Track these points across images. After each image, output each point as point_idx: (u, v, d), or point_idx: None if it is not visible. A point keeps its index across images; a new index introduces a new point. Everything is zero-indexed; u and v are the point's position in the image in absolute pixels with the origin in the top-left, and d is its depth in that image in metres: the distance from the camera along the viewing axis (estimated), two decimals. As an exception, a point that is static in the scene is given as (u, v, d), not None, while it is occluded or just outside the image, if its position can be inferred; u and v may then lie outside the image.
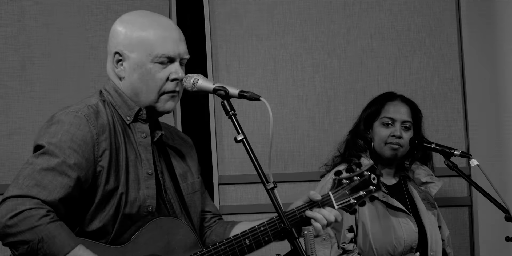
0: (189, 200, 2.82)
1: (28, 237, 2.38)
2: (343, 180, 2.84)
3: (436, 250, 3.75)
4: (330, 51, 4.59)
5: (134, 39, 2.67)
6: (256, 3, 4.57)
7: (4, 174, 4.01)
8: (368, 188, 2.87)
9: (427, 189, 3.87)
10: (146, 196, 2.65)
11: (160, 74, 2.66)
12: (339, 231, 3.67)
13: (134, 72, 2.67)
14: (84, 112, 2.60)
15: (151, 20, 2.72)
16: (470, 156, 3.60)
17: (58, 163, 2.49)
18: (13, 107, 4.06)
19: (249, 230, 2.66)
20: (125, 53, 2.67)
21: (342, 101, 4.55)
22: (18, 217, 2.39)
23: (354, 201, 2.83)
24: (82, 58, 4.26)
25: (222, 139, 4.49)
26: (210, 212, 2.97)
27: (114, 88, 2.73)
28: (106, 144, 2.59)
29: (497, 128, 4.77)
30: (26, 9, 4.13)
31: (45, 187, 2.45)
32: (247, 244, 2.65)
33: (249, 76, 4.55)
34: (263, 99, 2.51)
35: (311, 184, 4.35)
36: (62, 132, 2.54)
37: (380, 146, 3.77)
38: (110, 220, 2.59)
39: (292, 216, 2.73)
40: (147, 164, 2.68)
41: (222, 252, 2.61)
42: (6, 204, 2.42)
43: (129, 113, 2.70)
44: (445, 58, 4.62)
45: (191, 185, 2.85)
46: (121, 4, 4.34)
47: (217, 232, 2.91)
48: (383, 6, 4.62)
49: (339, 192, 2.82)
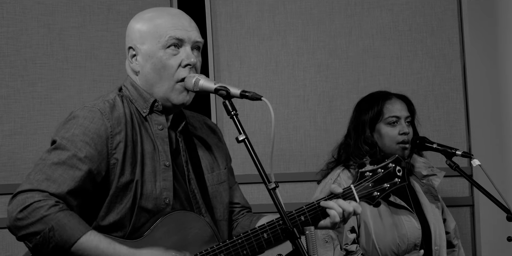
0: (214, 191, 2.82)
1: (39, 227, 2.42)
2: (366, 172, 2.79)
3: (440, 244, 3.74)
4: (331, 51, 4.59)
5: (144, 31, 2.69)
6: (258, 3, 4.57)
7: (5, 174, 4.01)
8: (393, 180, 2.81)
9: (429, 182, 3.86)
10: (163, 188, 2.65)
11: (171, 61, 2.67)
12: (341, 232, 3.66)
13: (146, 63, 2.69)
14: (99, 106, 2.62)
15: (160, 11, 2.75)
16: (471, 156, 3.59)
17: (69, 156, 2.52)
18: (14, 107, 4.06)
19: (267, 224, 2.65)
20: (137, 46, 2.70)
21: (343, 101, 4.55)
22: (28, 210, 2.42)
23: (378, 193, 2.78)
24: (84, 58, 4.26)
25: (224, 139, 4.49)
26: (239, 204, 2.98)
27: (131, 83, 2.75)
28: (121, 137, 2.60)
29: (498, 128, 4.76)
30: (28, 9, 4.13)
31: (55, 180, 2.48)
32: (265, 238, 2.64)
33: (251, 76, 4.55)
34: (264, 99, 2.51)
35: (313, 184, 4.35)
36: (75, 126, 2.57)
37: (392, 146, 3.74)
38: (127, 213, 2.60)
39: (313, 208, 2.70)
40: (164, 156, 2.69)
41: (240, 246, 2.61)
42: (16, 199, 2.46)
43: (145, 105, 2.71)
44: (446, 58, 4.62)
45: (216, 175, 2.85)
46: (123, 4, 4.34)
47: (243, 224, 2.91)
48: (384, 6, 4.62)
49: (361, 184, 2.77)
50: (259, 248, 2.64)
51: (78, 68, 4.24)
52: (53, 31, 4.19)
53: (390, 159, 2.83)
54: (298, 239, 2.40)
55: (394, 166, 2.83)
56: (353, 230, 3.67)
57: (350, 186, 2.77)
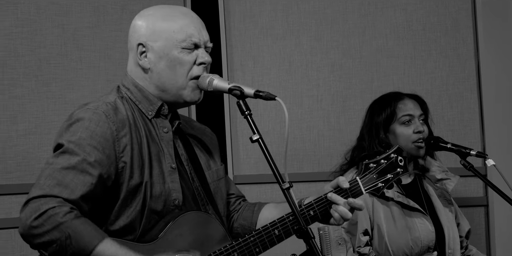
0: (215, 187, 2.83)
1: (56, 235, 2.39)
2: (370, 164, 2.82)
3: (454, 247, 3.72)
4: (345, 50, 4.58)
5: (157, 29, 2.68)
6: (271, 3, 4.57)
7: (20, 173, 4.02)
8: (396, 170, 2.85)
9: (443, 185, 3.85)
10: (172, 190, 2.65)
11: (187, 57, 2.67)
12: (354, 235, 3.66)
13: (160, 60, 2.68)
14: (103, 109, 2.60)
15: (171, 10, 2.75)
16: (486, 156, 3.58)
17: (79, 161, 2.49)
18: (29, 107, 4.08)
19: (277, 220, 2.65)
20: (149, 44, 2.68)
21: (357, 100, 4.55)
22: (43, 217, 2.39)
23: (382, 184, 2.81)
24: (98, 58, 4.27)
25: (237, 139, 4.50)
26: (233, 194, 2.99)
27: (133, 84, 2.74)
28: (126, 140, 2.59)
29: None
30: (42, 9, 4.14)
31: (66, 186, 2.45)
32: (276, 234, 2.64)
33: (264, 76, 4.55)
34: (278, 99, 2.51)
35: (326, 184, 4.35)
36: (82, 130, 2.54)
37: (408, 146, 3.73)
38: (137, 216, 2.59)
39: (321, 202, 2.72)
40: (170, 158, 2.69)
41: (252, 244, 2.60)
42: (29, 206, 2.42)
43: (151, 108, 2.71)
44: (460, 57, 4.61)
45: (215, 172, 2.87)
46: (136, 4, 4.35)
47: (244, 215, 2.93)
48: (398, 5, 4.61)
49: (366, 176, 2.80)
50: (270, 245, 2.64)
51: (92, 68, 4.25)
52: (67, 31, 4.20)
53: (391, 149, 2.87)
54: (313, 239, 2.40)
55: (396, 156, 2.87)
56: (366, 232, 3.66)
57: (356, 178, 2.79)
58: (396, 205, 3.67)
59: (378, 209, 3.65)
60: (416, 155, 3.76)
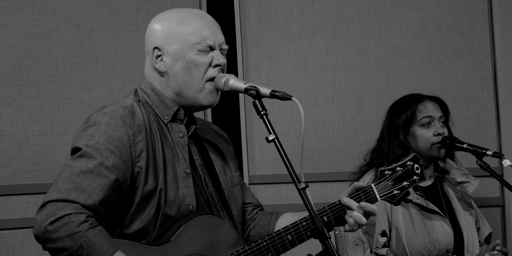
0: (229, 193, 2.83)
1: (68, 244, 2.40)
2: (386, 171, 2.82)
3: (473, 251, 3.69)
4: (360, 50, 4.57)
5: (172, 32, 2.69)
6: (287, 3, 4.57)
7: (36, 173, 4.04)
8: (412, 178, 2.84)
9: (463, 189, 3.82)
10: (185, 195, 2.65)
11: (203, 59, 2.67)
12: (372, 236, 3.64)
13: (176, 63, 2.68)
14: (120, 113, 2.61)
15: (186, 13, 2.75)
16: (502, 156, 3.56)
17: (96, 165, 2.50)
18: (45, 107, 4.09)
19: (291, 226, 2.66)
20: (164, 47, 2.69)
21: (372, 101, 4.54)
22: (58, 223, 2.40)
23: (398, 192, 2.80)
24: (113, 58, 4.28)
25: (253, 139, 4.50)
26: (251, 203, 2.99)
27: (150, 87, 2.74)
28: (142, 145, 2.60)
29: (529, 128, 4.72)
30: (58, 10, 4.16)
31: (84, 190, 2.46)
32: (289, 239, 2.65)
33: (280, 76, 4.55)
34: (294, 99, 2.50)
35: (342, 184, 4.35)
36: (99, 134, 2.55)
37: (427, 148, 3.71)
38: (151, 220, 2.60)
39: (336, 208, 2.72)
40: (184, 163, 2.69)
41: (265, 249, 2.61)
42: (46, 209, 2.43)
43: (167, 112, 2.71)
44: (477, 57, 4.60)
45: (230, 178, 2.86)
46: (152, 5, 4.36)
47: (262, 224, 2.92)
48: (414, 5, 4.60)
49: (381, 183, 2.79)
50: (283, 250, 2.65)
51: (107, 68, 4.26)
52: (83, 31, 4.21)
53: (408, 157, 2.85)
54: (329, 239, 2.40)
55: (412, 163, 2.86)
56: (384, 233, 3.64)
57: (371, 185, 2.79)
58: (415, 207, 3.65)
59: (396, 211, 3.64)
60: (437, 156, 3.73)
